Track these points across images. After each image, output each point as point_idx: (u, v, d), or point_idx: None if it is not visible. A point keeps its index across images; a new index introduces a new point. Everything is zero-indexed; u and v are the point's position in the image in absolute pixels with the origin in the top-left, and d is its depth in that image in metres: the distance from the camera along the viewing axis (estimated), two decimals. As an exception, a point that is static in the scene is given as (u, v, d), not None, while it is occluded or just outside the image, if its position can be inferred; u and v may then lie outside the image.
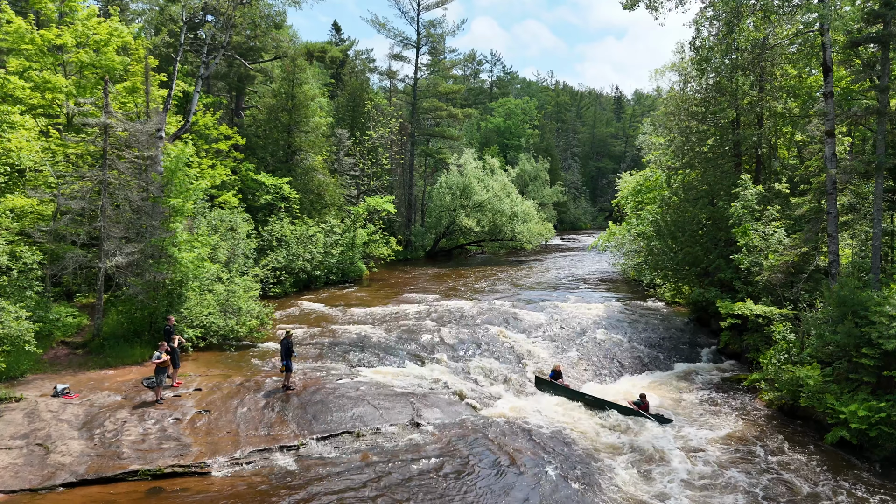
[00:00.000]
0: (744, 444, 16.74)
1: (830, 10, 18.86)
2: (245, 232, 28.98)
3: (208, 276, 22.67)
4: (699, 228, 27.90)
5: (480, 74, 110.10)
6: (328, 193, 40.07)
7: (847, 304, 17.44)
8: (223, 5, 30.53)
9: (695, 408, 19.60)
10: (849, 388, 16.90)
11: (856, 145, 25.71)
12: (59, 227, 20.84)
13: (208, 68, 31.45)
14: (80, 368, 19.14)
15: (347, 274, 38.14)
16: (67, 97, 24.99)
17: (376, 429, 16.49)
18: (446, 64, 66.70)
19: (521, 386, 20.63)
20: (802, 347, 19.29)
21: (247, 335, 23.04)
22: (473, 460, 15.07)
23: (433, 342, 23.10)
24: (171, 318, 19.39)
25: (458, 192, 52.52)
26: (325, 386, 18.37)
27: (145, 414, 16.03)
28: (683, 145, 29.35)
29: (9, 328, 16.53)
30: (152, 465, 14.05)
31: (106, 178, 20.64)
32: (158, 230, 20.88)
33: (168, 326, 19.04)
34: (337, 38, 71.94)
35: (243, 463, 14.51)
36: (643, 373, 23.12)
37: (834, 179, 19.90)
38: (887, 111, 18.73)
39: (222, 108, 41.23)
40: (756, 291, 23.04)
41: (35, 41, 24.99)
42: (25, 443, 14.42)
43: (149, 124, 22.21)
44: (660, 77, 47.79)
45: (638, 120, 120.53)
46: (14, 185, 22.61)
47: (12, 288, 18.90)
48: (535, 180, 67.73)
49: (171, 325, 19.04)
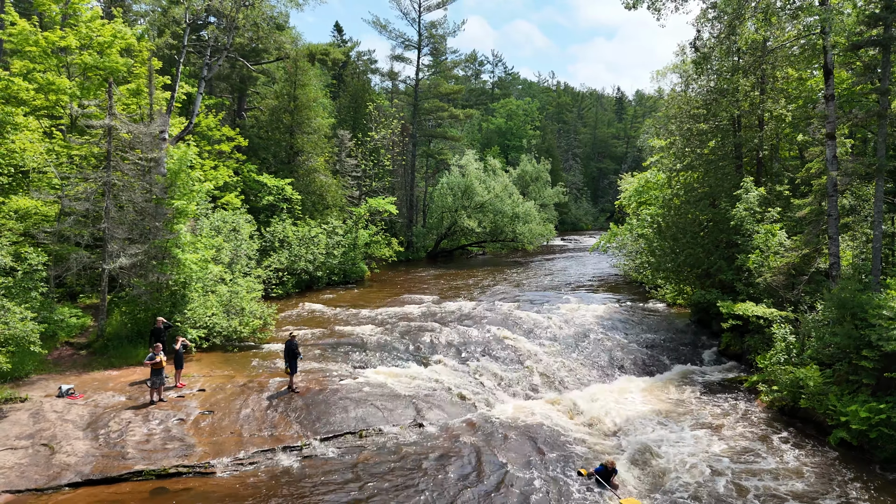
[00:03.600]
0: (744, 444, 16.79)
1: (831, 13, 18.93)
2: (247, 233, 29.08)
3: (211, 278, 22.77)
4: (700, 230, 27.96)
5: (482, 75, 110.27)
6: (330, 194, 40.19)
7: (847, 306, 17.51)
8: (226, 7, 30.66)
9: (695, 409, 19.66)
10: (849, 389, 16.97)
11: (857, 147, 25.78)
12: (63, 228, 20.95)
13: (211, 70, 31.57)
14: (84, 369, 19.25)
15: (349, 275, 38.26)
16: (71, 99, 25.10)
17: (379, 429, 16.58)
18: (448, 65, 66.86)
19: (522, 387, 20.71)
20: (803, 349, 19.35)
21: (250, 336, 23.14)
22: (476, 461, 15.15)
23: (435, 343, 23.19)
24: (160, 318, 19.15)
25: (460, 193, 52.63)
26: (328, 387, 18.46)
27: (149, 414, 16.13)
28: (684, 147, 29.41)
29: (14, 329, 16.62)
30: (156, 465, 14.15)
31: (110, 179, 20.75)
32: (162, 231, 20.97)
33: (156, 327, 18.79)
34: (339, 40, 72.05)
35: (247, 463, 14.61)
36: (644, 374, 23.19)
37: (835, 182, 19.96)
38: (888, 114, 18.79)
39: (225, 110, 41.37)
40: (757, 293, 23.11)
41: (39, 43, 25.10)
42: (31, 443, 14.52)
43: (152, 126, 22.32)
44: (661, 78, 47.84)
45: (639, 121, 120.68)
46: (18, 186, 22.74)
47: (17, 289, 18.99)
48: (536, 181, 67.74)
49: (159, 326, 18.78)
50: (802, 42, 23.53)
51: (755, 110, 26.70)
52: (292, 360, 17.84)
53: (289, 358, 17.84)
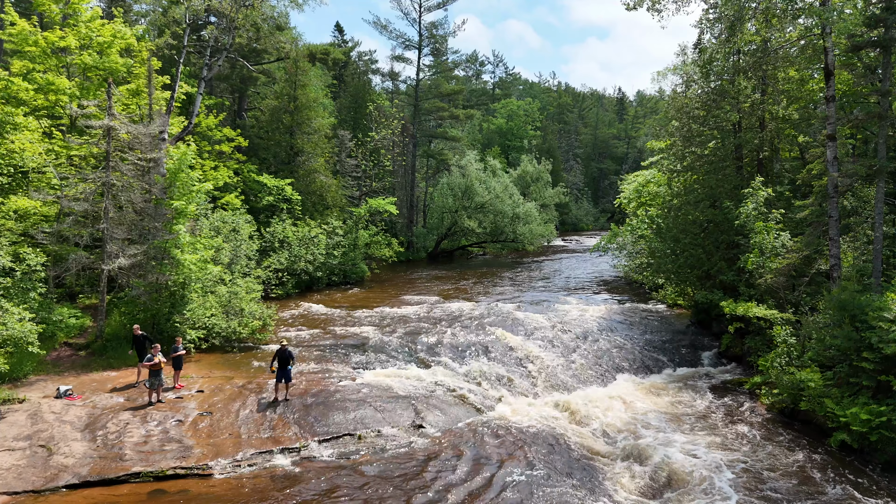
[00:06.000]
0: (744, 446, 16.75)
1: (832, 15, 18.88)
2: (247, 233, 29.06)
3: (211, 278, 22.74)
4: (701, 231, 27.90)
5: (483, 75, 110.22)
6: (330, 195, 40.17)
7: (847, 308, 17.45)
8: (226, 7, 30.64)
9: (695, 411, 19.61)
10: (849, 392, 16.91)
11: (858, 148, 25.71)
12: (63, 228, 20.94)
13: (211, 70, 31.55)
14: (82, 370, 19.22)
15: (349, 275, 38.23)
16: (71, 99, 25.08)
17: (378, 431, 16.54)
18: (448, 65, 66.78)
19: (522, 388, 20.66)
20: (803, 351, 19.30)
21: (249, 337, 23.10)
22: (475, 463, 15.11)
23: (435, 344, 23.14)
24: (136, 326, 18.85)
25: (460, 194, 52.58)
26: (327, 388, 18.42)
27: (148, 416, 16.10)
28: (685, 148, 29.35)
29: (12, 330, 16.60)
30: (154, 466, 14.11)
31: (109, 179, 20.73)
32: (161, 232, 20.95)
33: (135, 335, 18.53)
34: (339, 40, 72.02)
35: (245, 465, 14.57)
36: (644, 375, 23.14)
37: (835, 183, 19.91)
38: (889, 115, 18.74)
39: (225, 110, 41.35)
40: (758, 294, 23.04)
41: (39, 43, 25.10)
42: (28, 444, 14.49)
43: (152, 126, 22.30)
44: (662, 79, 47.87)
45: (640, 121, 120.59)
46: (18, 186, 22.72)
47: (16, 289, 18.97)
48: (536, 181, 67.63)
49: (137, 335, 18.50)
50: (803, 43, 23.49)
51: (756, 111, 26.64)
52: (285, 369, 17.15)
53: (281, 366, 17.13)
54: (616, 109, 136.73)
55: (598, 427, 18.07)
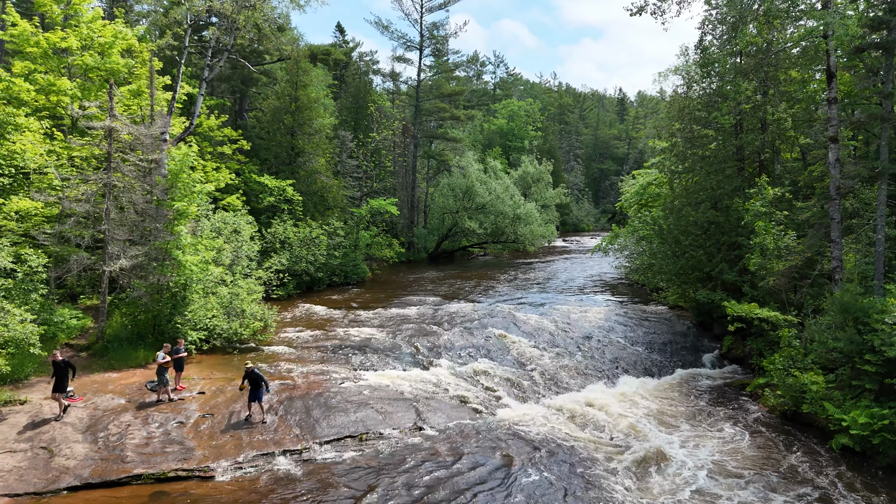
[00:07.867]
0: (746, 449, 16.72)
1: (834, 17, 18.85)
2: (248, 234, 29.02)
3: (212, 279, 22.73)
4: (702, 232, 27.88)
5: (483, 76, 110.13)
6: (331, 195, 40.17)
7: (849, 310, 17.43)
8: (227, 8, 30.62)
9: (696, 412, 19.59)
10: (852, 394, 16.89)
11: (860, 149, 25.67)
12: (64, 229, 20.92)
13: (212, 71, 31.55)
14: (83, 371, 19.18)
15: (350, 276, 38.24)
16: (72, 100, 25.07)
17: (379, 433, 16.53)
18: (449, 65, 66.74)
19: (523, 390, 20.64)
20: (806, 353, 19.27)
21: (250, 338, 23.09)
22: (476, 465, 15.09)
23: (436, 345, 23.13)
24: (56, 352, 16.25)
25: (461, 194, 52.57)
26: (329, 389, 18.40)
27: (149, 417, 16.09)
28: (686, 149, 29.33)
29: (14, 331, 16.60)
30: (156, 468, 14.11)
31: (110, 180, 20.72)
32: (162, 233, 20.94)
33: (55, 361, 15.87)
34: (340, 40, 72.03)
35: (246, 467, 14.57)
36: (645, 377, 23.12)
37: (837, 185, 19.89)
38: (890, 117, 18.72)
39: (226, 111, 41.35)
40: (761, 295, 23.02)
41: (40, 44, 25.09)
42: (30, 446, 14.48)
43: (153, 127, 22.28)
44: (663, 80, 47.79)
45: (641, 122, 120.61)
46: (19, 187, 22.71)
47: (17, 290, 18.96)
48: (537, 182, 67.63)
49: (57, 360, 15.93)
50: (805, 45, 23.46)
51: (757, 112, 26.62)
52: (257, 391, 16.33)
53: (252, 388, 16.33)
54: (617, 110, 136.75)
55: (599, 429, 18.05)
